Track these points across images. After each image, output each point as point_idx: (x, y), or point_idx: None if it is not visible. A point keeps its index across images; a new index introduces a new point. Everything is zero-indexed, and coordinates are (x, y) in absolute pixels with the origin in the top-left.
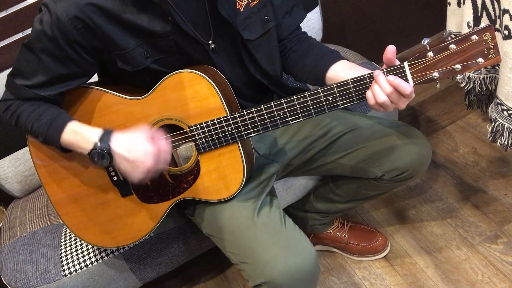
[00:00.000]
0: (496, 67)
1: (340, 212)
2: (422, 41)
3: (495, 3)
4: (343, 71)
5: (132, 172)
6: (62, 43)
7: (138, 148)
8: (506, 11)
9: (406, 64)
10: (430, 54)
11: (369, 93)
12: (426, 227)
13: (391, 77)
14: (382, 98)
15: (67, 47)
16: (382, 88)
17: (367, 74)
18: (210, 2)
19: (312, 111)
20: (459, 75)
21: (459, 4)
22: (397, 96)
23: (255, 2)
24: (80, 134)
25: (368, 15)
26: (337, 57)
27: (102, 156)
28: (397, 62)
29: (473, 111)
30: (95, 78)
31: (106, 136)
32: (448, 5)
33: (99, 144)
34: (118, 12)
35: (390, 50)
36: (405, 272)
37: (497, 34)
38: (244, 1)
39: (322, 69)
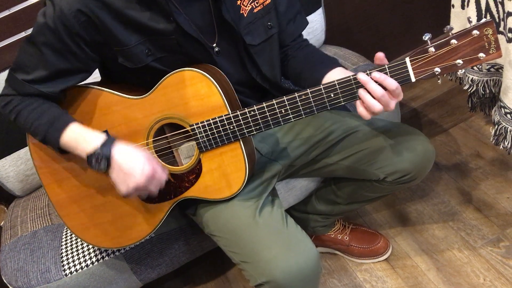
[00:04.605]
0: (500, 70)
1: (342, 214)
2: (424, 37)
3: (499, 6)
4: (338, 78)
5: (122, 183)
6: (64, 35)
7: (137, 163)
8: (510, 13)
9: (407, 59)
10: (432, 49)
11: (362, 92)
12: (428, 229)
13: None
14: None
15: (68, 40)
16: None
17: (368, 70)
18: (215, 5)
19: (314, 108)
20: (460, 70)
21: (463, 7)
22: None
23: (259, 8)
24: (81, 137)
25: (372, 17)
26: (334, 64)
27: (100, 160)
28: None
29: (476, 113)
30: (96, 78)
31: (109, 142)
32: (452, 7)
33: (100, 148)
34: (122, 8)
35: (378, 59)
36: (406, 275)
37: (501, 36)
38: (248, 6)
39: (318, 75)
